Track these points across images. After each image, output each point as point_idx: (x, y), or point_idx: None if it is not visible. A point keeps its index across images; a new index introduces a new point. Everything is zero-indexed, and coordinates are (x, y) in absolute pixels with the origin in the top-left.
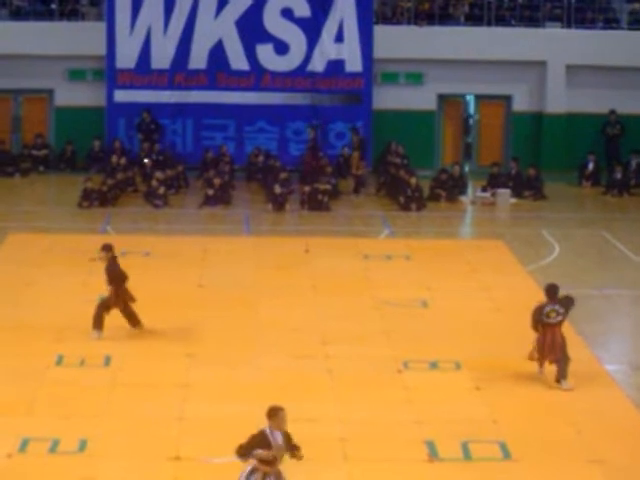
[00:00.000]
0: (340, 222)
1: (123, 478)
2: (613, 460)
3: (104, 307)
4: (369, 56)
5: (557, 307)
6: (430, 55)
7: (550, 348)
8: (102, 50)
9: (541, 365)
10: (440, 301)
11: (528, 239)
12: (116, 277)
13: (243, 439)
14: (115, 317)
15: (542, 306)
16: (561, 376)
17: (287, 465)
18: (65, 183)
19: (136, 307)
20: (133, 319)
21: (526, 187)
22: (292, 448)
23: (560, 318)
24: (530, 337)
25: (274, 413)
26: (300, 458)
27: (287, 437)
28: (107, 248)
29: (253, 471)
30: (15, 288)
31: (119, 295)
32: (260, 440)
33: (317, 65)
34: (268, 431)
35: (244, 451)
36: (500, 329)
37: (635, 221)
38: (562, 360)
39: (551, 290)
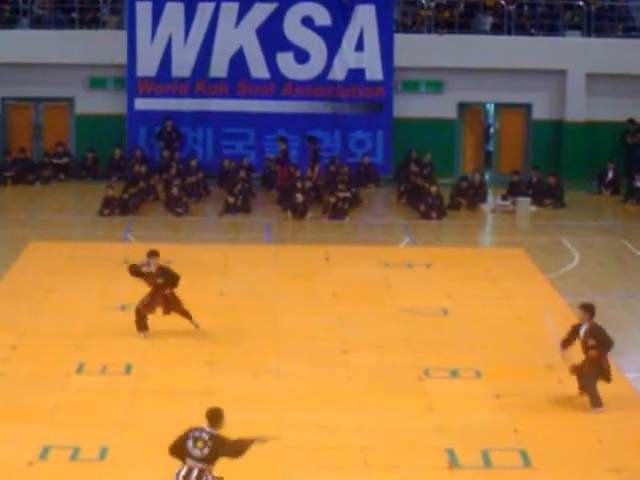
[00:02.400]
0: (360, 230)
1: None
2: (633, 469)
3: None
4: (389, 64)
5: None
6: (450, 64)
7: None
8: (123, 58)
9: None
10: (460, 309)
11: (548, 247)
12: (173, 278)
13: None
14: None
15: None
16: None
17: (308, 472)
18: (86, 191)
19: (157, 315)
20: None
21: (546, 195)
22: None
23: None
24: (549, 344)
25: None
26: None
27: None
28: (156, 253)
29: (190, 470)
30: (36, 296)
31: (161, 297)
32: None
33: (338, 74)
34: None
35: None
36: (520, 337)
37: None
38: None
39: (593, 308)
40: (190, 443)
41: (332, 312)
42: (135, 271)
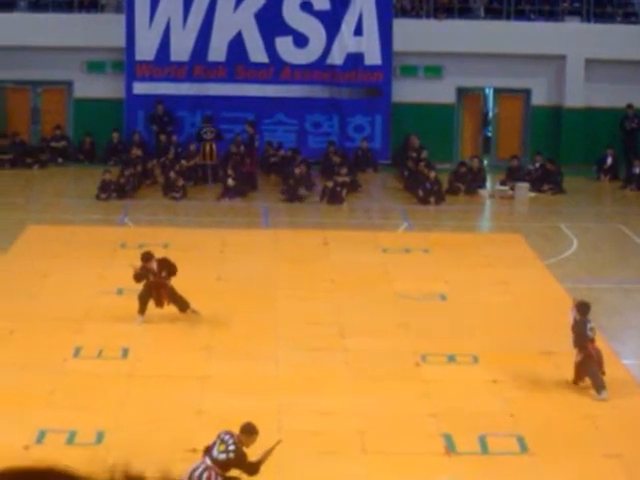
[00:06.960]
0: (359, 215)
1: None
2: (630, 454)
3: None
4: (388, 49)
5: (592, 322)
6: (449, 48)
7: (601, 361)
8: (121, 42)
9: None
10: (458, 295)
11: (546, 233)
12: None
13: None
14: (132, 308)
15: (584, 322)
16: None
17: (306, 457)
18: (83, 175)
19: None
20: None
21: (545, 181)
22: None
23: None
24: (547, 330)
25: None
26: None
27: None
28: (150, 256)
29: (206, 469)
30: (33, 280)
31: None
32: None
33: (336, 58)
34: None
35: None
36: (518, 323)
37: None
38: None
39: (586, 307)
40: (216, 443)
41: (330, 297)
42: (140, 275)
